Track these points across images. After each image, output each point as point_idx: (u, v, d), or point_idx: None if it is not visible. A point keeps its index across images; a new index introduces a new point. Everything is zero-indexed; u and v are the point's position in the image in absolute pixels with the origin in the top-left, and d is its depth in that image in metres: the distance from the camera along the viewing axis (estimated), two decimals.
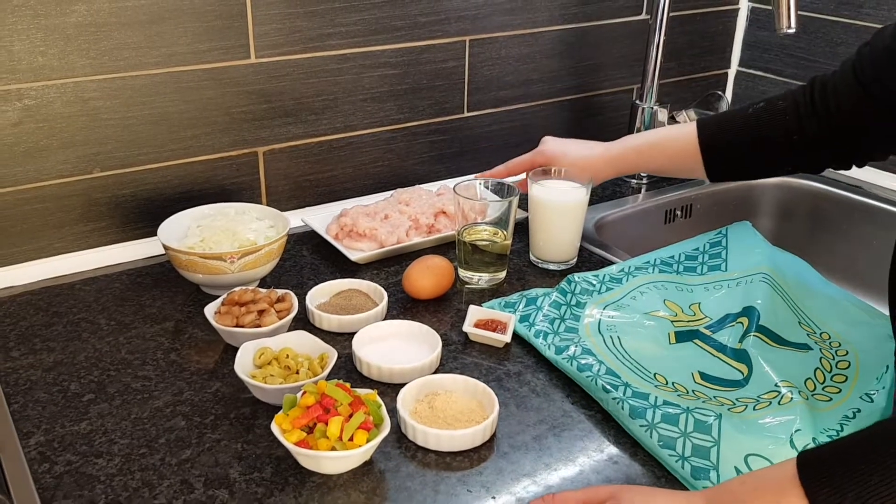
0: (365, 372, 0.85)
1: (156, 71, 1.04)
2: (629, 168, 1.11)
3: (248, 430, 0.77)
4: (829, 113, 0.94)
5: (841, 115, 0.93)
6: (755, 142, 0.99)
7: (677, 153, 1.05)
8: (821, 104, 0.94)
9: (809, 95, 0.96)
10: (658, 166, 1.10)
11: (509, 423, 0.79)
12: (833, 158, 0.98)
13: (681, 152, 1.04)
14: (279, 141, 1.16)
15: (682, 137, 1.04)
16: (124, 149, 1.06)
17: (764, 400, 0.80)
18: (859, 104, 0.91)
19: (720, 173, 1.05)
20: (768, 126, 0.98)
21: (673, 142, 1.05)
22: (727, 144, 1.01)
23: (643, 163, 1.10)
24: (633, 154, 1.08)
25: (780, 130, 0.97)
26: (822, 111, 0.94)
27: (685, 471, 0.72)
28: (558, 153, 1.10)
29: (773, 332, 0.90)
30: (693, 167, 1.04)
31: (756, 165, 1.03)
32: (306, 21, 1.12)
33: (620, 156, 1.08)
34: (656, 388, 0.81)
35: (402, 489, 0.71)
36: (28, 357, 0.87)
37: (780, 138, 0.97)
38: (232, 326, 0.87)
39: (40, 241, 1.04)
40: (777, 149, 0.99)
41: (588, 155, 1.09)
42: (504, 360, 0.89)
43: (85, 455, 0.73)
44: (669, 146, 1.06)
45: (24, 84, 0.97)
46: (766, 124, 0.98)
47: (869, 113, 0.90)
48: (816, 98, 0.95)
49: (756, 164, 1.02)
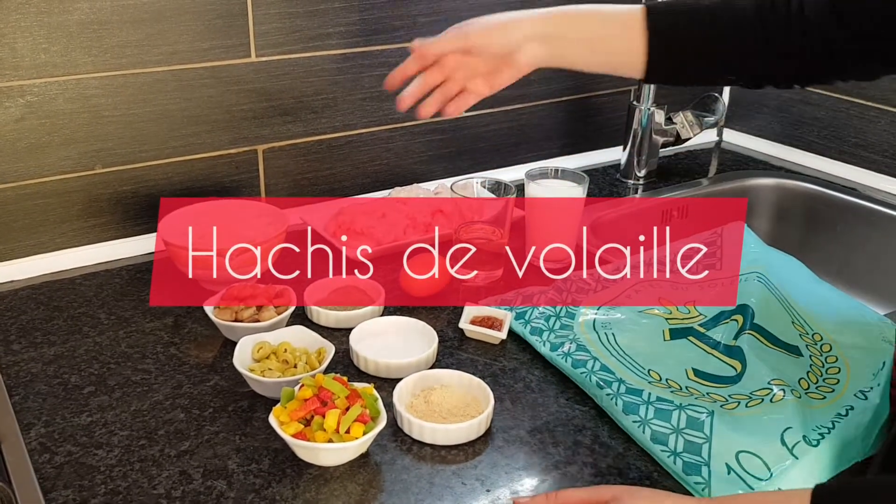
0: (362, 367, 0.86)
1: (157, 69, 1.05)
2: (553, 33, 0.87)
3: (246, 423, 0.78)
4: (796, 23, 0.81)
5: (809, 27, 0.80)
6: (712, 37, 0.85)
7: (615, 31, 0.87)
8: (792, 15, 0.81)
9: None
10: (589, 40, 0.88)
11: (504, 417, 0.80)
12: (798, 73, 0.86)
13: (620, 31, 0.87)
14: (279, 139, 1.17)
15: (625, 14, 0.87)
16: (125, 146, 1.07)
17: (756, 397, 0.81)
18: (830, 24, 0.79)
19: (660, 69, 0.87)
20: (729, 22, 0.84)
21: (615, 16, 0.88)
22: (677, 34, 0.86)
23: (572, 31, 0.88)
24: (559, 16, 0.88)
25: (743, 30, 0.83)
26: (792, 21, 0.81)
27: (677, 466, 0.73)
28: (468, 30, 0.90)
29: (767, 331, 0.91)
30: (630, 51, 0.86)
31: (707, 65, 0.87)
32: (306, 20, 1.13)
33: (544, 18, 0.88)
34: (650, 385, 0.82)
35: (398, 481, 0.72)
36: (29, 350, 0.88)
37: (739, 38, 0.83)
38: (231, 321, 0.88)
39: (42, 237, 1.05)
40: (735, 50, 0.84)
41: (500, 18, 0.89)
42: (500, 357, 0.90)
43: (85, 446, 0.74)
44: (609, 19, 0.88)
45: (26, 81, 0.98)
46: (727, 21, 0.84)
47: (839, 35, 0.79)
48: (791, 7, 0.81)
49: (708, 63, 0.87)
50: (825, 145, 1.45)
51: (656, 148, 1.39)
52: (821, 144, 1.46)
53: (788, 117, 1.50)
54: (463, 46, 0.89)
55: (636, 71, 0.87)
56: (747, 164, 1.49)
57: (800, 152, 1.49)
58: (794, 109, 1.48)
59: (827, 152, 1.45)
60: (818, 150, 1.46)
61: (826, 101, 1.43)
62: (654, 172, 1.40)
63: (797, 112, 1.48)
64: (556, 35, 0.87)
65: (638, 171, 1.39)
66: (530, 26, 0.87)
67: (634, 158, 1.38)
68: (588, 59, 0.89)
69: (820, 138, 1.46)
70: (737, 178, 1.43)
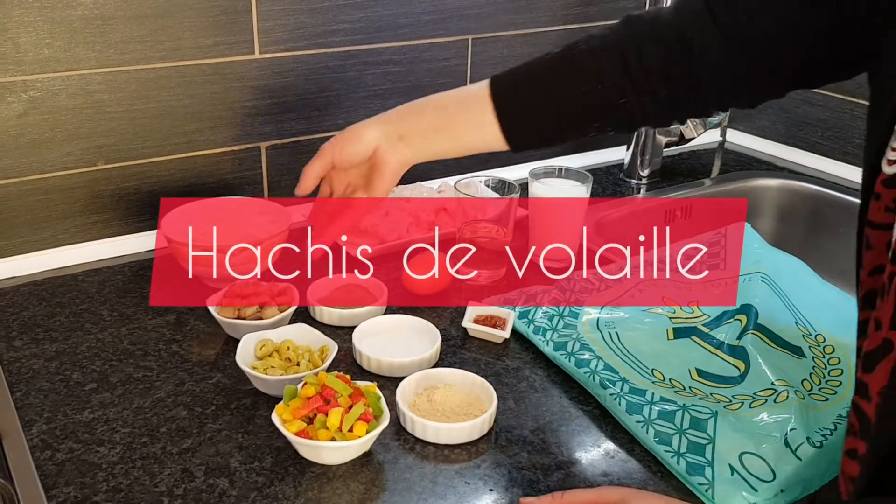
0: (365, 365, 0.86)
1: (161, 65, 1.05)
2: (407, 130, 0.86)
3: (248, 421, 0.78)
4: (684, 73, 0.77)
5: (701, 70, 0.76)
6: (552, 90, 0.82)
7: (467, 113, 0.84)
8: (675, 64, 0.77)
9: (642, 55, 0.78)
10: (442, 128, 0.86)
11: (507, 417, 0.80)
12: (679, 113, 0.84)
13: (471, 111, 0.84)
14: (282, 136, 1.17)
15: (474, 92, 0.84)
16: (128, 142, 1.06)
17: (760, 397, 0.80)
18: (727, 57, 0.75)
19: (520, 137, 0.85)
20: (566, 72, 0.81)
21: (464, 98, 0.86)
22: (520, 96, 0.83)
23: (423, 123, 0.86)
24: (408, 111, 0.87)
25: (581, 76, 0.80)
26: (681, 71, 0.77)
27: (680, 466, 0.72)
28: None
29: (771, 332, 0.91)
30: (486, 128, 0.83)
31: (560, 120, 0.84)
32: (310, 18, 1.13)
33: (393, 117, 0.86)
34: (653, 385, 0.82)
35: (401, 480, 0.71)
36: (31, 346, 0.88)
37: (580, 86, 0.80)
38: (233, 318, 0.88)
39: (44, 232, 1.05)
40: (578, 100, 0.81)
41: (354, 127, 0.87)
42: (503, 356, 0.90)
43: (87, 443, 0.74)
44: (459, 102, 0.86)
45: (29, 76, 0.98)
46: (564, 71, 0.81)
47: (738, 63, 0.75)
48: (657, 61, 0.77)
49: (559, 117, 0.83)
50: (829, 146, 1.44)
51: (660, 148, 1.38)
52: (825, 145, 1.45)
53: (792, 118, 1.49)
54: (328, 163, 0.88)
55: (501, 145, 0.84)
56: (751, 164, 1.49)
57: (803, 153, 1.48)
58: (798, 110, 1.48)
59: (831, 153, 1.44)
60: (822, 151, 1.46)
61: (830, 101, 1.42)
62: (657, 172, 1.40)
63: (801, 113, 1.48)
64: (410, 131, 0.86)
65: (641, 171, 1.38)
66: (379, 128, 0.86)
67: (638, 158, 1.38)
68: (449, 146, 0.86)
69: (824, 139, 1.45)
70: (740, 178, 1.43)
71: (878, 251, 0.59)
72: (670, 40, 0.76)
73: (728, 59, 0.74)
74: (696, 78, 0.77)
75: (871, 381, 0.56)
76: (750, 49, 0.73)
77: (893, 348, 0.54)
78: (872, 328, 0.56)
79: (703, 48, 0.75)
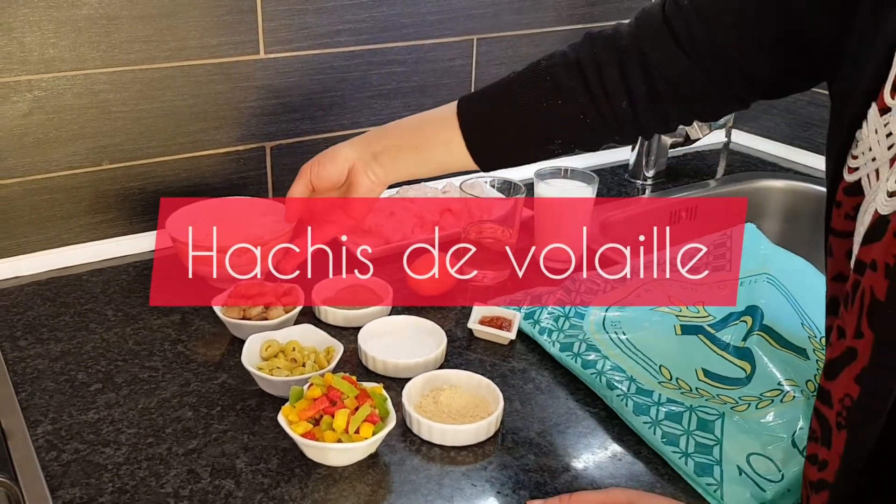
0: (370, 366, 0.86)
1: (166, 64, 1.05)
2: (379, 150, 0.88)
3: (254, 422, 0.77)
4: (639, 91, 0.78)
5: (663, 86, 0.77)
6: (511, 109, 0.83)
7: (435, 133, 0.87)
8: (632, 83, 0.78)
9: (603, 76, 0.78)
10: (414, 148, 0.88)
11: (513, 419, 0.80)
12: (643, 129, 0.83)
13: (439, 131, 0.86)
14: (286, 136, 1.17)
15: (442, 113, 0.87)
16: (133, 141, 1.06)
17: (767, 398, 0.80)
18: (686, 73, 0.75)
19: (486, 156, 0.86)
20: (526, 91, 0.82)
21: (432, 119, 0.88)
22: (483, 115, 0.84)
23: (394, 143, 0.88)
24: (380, 133, 0.89)
25: (541, 95, 0.81)
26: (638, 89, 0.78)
27: (688, 467, 0.72)
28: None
29: (776, 333, 0.90)
30: (453, 147, 0.85)
31: (523, 140, 0.85)
32: (315, 17, 1.12)
33: (366, 138, 0.89)
34: (660, 385, 0.82)
35: (407, 482, 0.71)
36: (36, 347, 0.88)
37: (539, 104, 0.81)
38: (239, 319, 0.88)
39: (48, 232, 1.05)
40: (539, 118, 0.82)
41: (329, 150, 0.90)
42: (508, 358, 0.89)
43: (92, 444, 0.74)
44: (428, 122, 0.88)
45: (34, 75, 0.98)
46: (523, 90, 0.82)
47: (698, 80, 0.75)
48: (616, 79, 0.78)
49: (521, 136, 0.84)
50: None
51: (665, 148, 1.38)
52: None
53: (797, 119, 1.49)
54: (307, 182, 0.90)
55: (470, 163, 0.86)
56: (756, 165, 1.49)
57: (809, 154, 1.48)
58: (804, 111, 1.48)
59: None
60: None
61: None
62: (662, 173, 1.40)
63: (806, 113, 1.47)
64: (383, 151, 0.88)
65: (646, 172, 1.38)
66: (352, 149, 0.88)
67: (643, 158, 1.38)
68: (420, 166, 0.89)
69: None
70: (745, 179, 1.43)
71: (838, 259, 0.59)
72: (630, 55, 0.77)
73: (687, 73, 0.75)
74: (655, 93, 0.77)
75: (833, 389, 0.57)
76: (709, 62, 0.74)
77: (857, 356, 0.53)
78: (836, 336, 0.56)
79: (661, 62, 0.76)
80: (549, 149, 0.85)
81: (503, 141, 0.85)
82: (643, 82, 0.77)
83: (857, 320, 0.53)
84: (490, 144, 0.85)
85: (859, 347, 0.53)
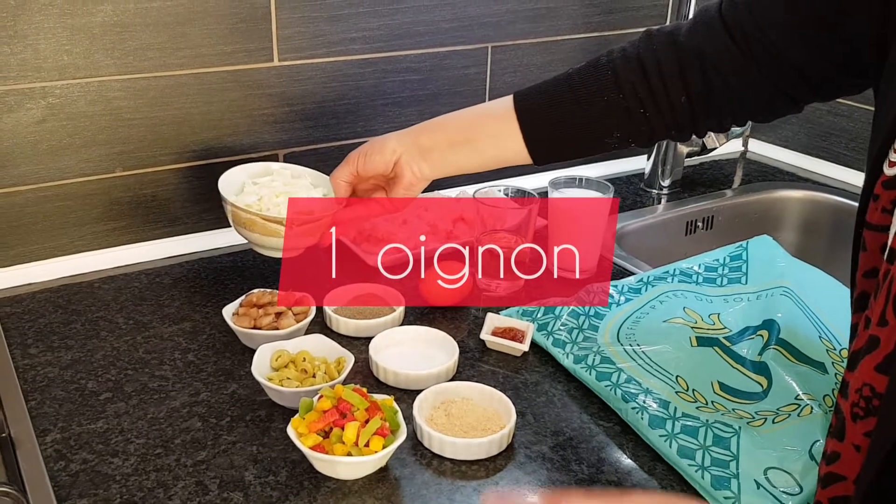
0: (381, 377, 0.85)
1: (180, 72, 1.04)
2: (427, 145, 0.89)
3: (263, 433, 0.77)
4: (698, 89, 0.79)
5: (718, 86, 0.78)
6: (572, 102, 0.84)
7: (492, 126, 0.88)
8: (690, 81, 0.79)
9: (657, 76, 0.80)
10: (467, 141, 0.89)
11: (526, 432, 0.78)
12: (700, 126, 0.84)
13: (496, 124, 0.87)
14: (300, 144, 1.17)
15: (497, 106, 0.88)
16: (146, 149, 1.06)
17: (783, 412, 0.79)
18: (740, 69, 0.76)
19: (543, 149, 0.87)
20: (587, 85, 0.83)
21: (488, 111, 0.90)
22: (542, 108, 0.85)
23: (446, 137, 0.89)
24: (430, 126, 0.91)
25: (601, 89, 0.82)
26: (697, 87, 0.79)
27: (705, 481, 0.71)
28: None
29: (793, 347, 0.89)
30: (509, 140, 0.87)
31: (582, 131, 0.85)
32: (329, 25, 1.12)
33: (413, 132, 0.90)
34: (676, 395, 0.81)
35: (418, 497, 0.70)
36: (46, 354, 0.88)
37: (598, 99, 0.83)
38: (249, 328, 0.87)
39: (61, 239, 1.05)
40: (600, 112, 0.83)
41: (377, 139, 0.91)
42: (521, 369, 0.88)
43: (101, 454, 0.73)
44: (483, 115, 0.90)
45: (48, 82, 0.98)
46: (585, 84, 0.83)
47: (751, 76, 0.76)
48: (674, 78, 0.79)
49: (581, 129, 0.85)
50: (853, 157, 1.42)
51: (681, 157, 1.37)
52: (849, 156, 1.43)
53: (816, 128, 1.47)
54: (353, 171, 0.92)
55: (524, 157, 0.88)
56: (773, 175, 1.47)
57: (827, 164, 1.46)
58: (822, 120, 1.46)
59: (855, 164, 1.42)
60: (846, 162, 1.44)
61: (854, 111, 1.40)
62: (678, 182, 1.38)
63: (825, 123, 1.46)
64: (431, 146, 0.89)
65: (662, 181, 1.37)
66: (399, 143, 0.89)
67: (659, 168, 1.36)
68: (471, 160, 0.89)
69: (848, 150, 1.43)
70: (762, 189, 1.41)
71: (873, 253, 0.60)
72: (686, 51, 0.79)
73: (741, 69, 0.76)
74: (711, 88, 0.79)
75: (852, 380, 0.57)
76: (761, 57, 0.74)
77: (879, 344, 0.54)
78: (862, 327, 0.56)
79: (716, 59, 0.77)
80: (606, 142, 0.86)
81: (561, 134, 0.86)
82: (700, 78, 0.78)
83: (883, 308, 0.53)
84: (548, 137, 0.86)
85: (882, 336, 0.53)
